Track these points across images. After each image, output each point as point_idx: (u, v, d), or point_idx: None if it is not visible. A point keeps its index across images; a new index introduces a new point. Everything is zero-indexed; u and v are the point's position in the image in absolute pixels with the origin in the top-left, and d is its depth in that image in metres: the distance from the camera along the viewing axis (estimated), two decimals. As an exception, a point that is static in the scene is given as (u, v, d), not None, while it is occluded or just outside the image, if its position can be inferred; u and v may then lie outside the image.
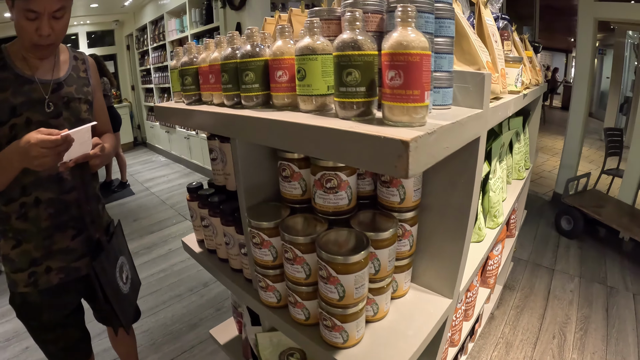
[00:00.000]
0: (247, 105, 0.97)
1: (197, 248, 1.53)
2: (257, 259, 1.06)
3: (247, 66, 0.92)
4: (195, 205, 1.40)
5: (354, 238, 0.93)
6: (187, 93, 1.16)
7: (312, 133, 0.74)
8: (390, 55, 0.67)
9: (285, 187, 1.06)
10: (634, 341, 2.40)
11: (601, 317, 2.61)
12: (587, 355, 2.31)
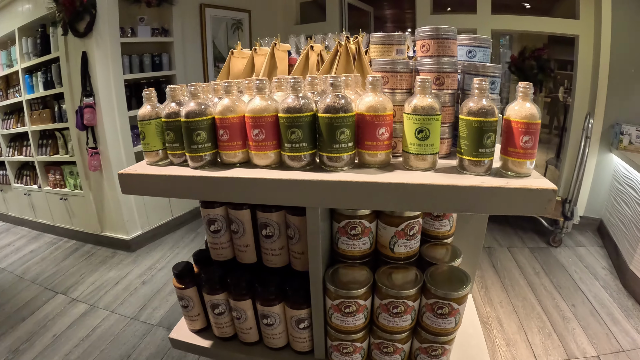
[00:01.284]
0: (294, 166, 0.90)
1: (203, 341, 1.21)
2: (346, 327, 1.00)
3: (294, 122, 0.85)
4: (195, 292, 1.16)
5: (455, 273, 1.00)
6: (197, 154, 0.92)
7: (455, 191, 0.79)
8: (525, 124, 0.80)
9: (353, 245, 1.02)
10: (525, 283, 2.97)
11: (492, 273, 3.13)
12: (497, 305, 2.77)
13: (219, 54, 4.36)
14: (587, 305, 2.96)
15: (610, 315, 2.86)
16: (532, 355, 2.52)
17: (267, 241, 1.04)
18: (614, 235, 3.62)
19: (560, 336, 2.67)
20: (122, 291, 3.17)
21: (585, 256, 3.64)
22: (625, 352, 2.53)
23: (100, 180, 3.54)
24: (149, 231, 3.85)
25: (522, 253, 3.69)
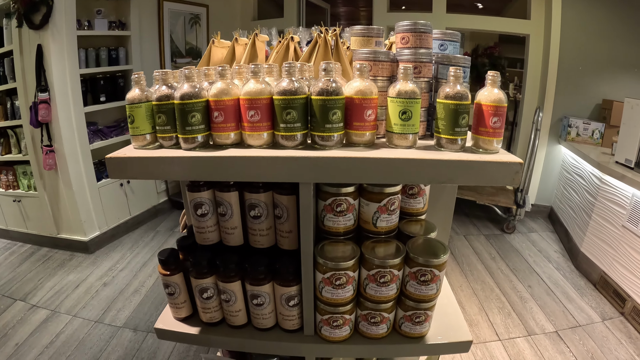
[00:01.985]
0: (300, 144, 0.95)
1: (190, 329, 1.18)
2: (336, 300, 1.04)
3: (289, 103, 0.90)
4: (182, 278, 1.15)
5: (433, 243, 1.08)
6: (191, 136, 0.92)
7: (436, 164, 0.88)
8: (494, 107, 0.89)
9: (339, 221, 1.06)
10: (482, 267, 3.13)
11: (451, 260, 3.27)
12: (457, 289, 2.91)
13: (177, 48, 4.31)
14: (543, 285, 3.14)
15: (565, 294, 3.05)
16: (494, 334, 2.65)
17: (255, 222, 1.06)
18: (564, 221, 3.85)
19: (520, 315, 2.82)
20: (83, 294, 3.08)
21: (538, 241, 3.85)
22: (581, 327, 2.71)
23: (55, 180, 3.41)
24: (107, 231, 3.75)
25: (478, 240, 3.87)
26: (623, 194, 2.95)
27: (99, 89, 3.54)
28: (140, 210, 4.13)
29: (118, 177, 0.96)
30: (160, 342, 2.60)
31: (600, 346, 2.55)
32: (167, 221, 4.38)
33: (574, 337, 2.64)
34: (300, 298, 1.09)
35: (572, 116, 3.90)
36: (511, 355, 2.50)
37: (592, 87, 3.89)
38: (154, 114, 0.96)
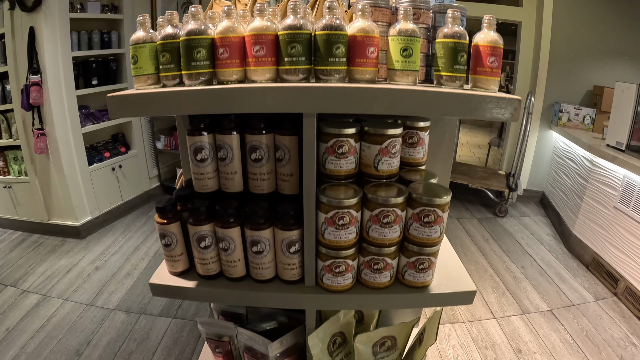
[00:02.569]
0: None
1: (186, 282, 1.15)
2: (339, 243, 1.03)
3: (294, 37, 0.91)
4: (179, 228, 1.11)
5: (435, 186, 1.08)
6: (195, 71, 0.92)
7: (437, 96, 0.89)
8: (491, 47, 0.92)
9: (340, 164, 1.05)
10: (476, 249, 3.15)
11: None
12: None
13: None
14: (536, 266, 3.17)
15: (558, 274, 3.07)
16: (489, 312, 2.66)
17: (255, 165, 1.05)
18: (556, 205, 3.89)
19: (514, 294, 2.84)
20: (74, 278, 3.05)
21: (530, 224, 3.89)
22: (575, 306, 2.73)
23: (46, 164, 3.38)
24: (99, 216, 3.71)
25: (471, 223, 3.91)
26: (614, 176, 2.98)
27: (91, 73, 3.51)
28: (132, 196, 4.10)
29: (118, 115, 0.95)
30: (153, 323, 2.58)
31: (594, 325, 2.57)
32: None
33: (568, 315, 2.66)
34: (301, 244, 1.07)
35: (564, 102, 3.94)
36: (506, 332, 2.52)
37: (583, 73, 3.94)
38: (158, 53, 0.96)
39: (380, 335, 1.25)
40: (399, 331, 1.27)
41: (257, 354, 1.31)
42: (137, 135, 4.09)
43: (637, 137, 2.91)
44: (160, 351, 2.35)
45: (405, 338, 1.30)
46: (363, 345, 1.24)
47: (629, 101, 2.93)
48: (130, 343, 2.41)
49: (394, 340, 1.28)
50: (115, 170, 3.84)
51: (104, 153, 3.72)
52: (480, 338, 2.49)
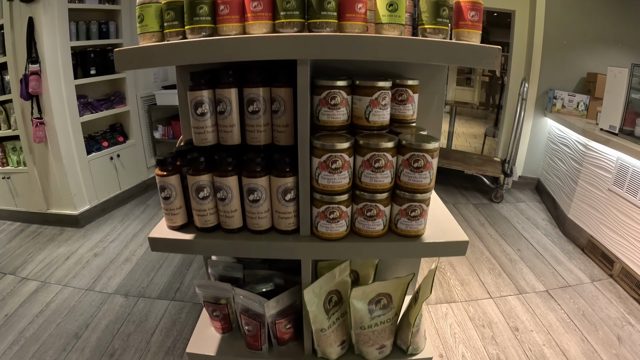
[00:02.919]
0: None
1: (184, 235, 1.17)
2: (333, 188, 1.06)
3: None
4: (178, 180, 1.14)
5: (424, 135, 1.13)
6: (197, 26, 0.98)
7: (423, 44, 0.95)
8: (471, 3, 0.99)
9: (333, 115, 1.08)
10: (472, 232, 3.21)
11: None
12: None
13: None
14: (532, 249, 3.19)
15: (554, 257, 3.10)
16: (485, 292, 2.69)
17: (252, 117, 1.08)
18: (552, 191, 3.92)
19: (510, 275, 2.86)
20: (73, 265, 3.06)
21: (526, 210, 3.92)
22: (571, 287, 2.76)
23: (45, 154, 3.39)
24: (97, 205, 3.73)
25: (467, 208, 3.96)
26: (608, 158, 3.01)
27: (89, 62, 3.53)
28: (130, 185, 4.12)
29: (125, 68, 1.01)
30: (152, 305, 2.59)
31: (590, 304, 2.60)
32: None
33: (565, 295, 2.69)
34: (296, 191, 1.10)
35: (557, 89, 3.98)
36: (503, 311, 2.54)
37: (576, 61, 3.98)
38: (163, 12, 1.02)
39: (375, 292, 1.27)
40: (394, 288, 1.29)
41: (253, 315, 1.34)
42: (135, 125, 4.12)
43: (629, 122, 2.94)
44: (159, 332, 2.36)
45: (401, 297, 1.32)
46: (358, 301, 1.26)
47: (621, 85, 2.96)
48: (129, 325, 2.42)
49: (390, 298, 1.30)
50: (114, 160, 3.86)
51: (102, 142, 3.75)
52: (477, 317, 2.51)
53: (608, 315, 2.50)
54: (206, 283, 1.41)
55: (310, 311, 1.22)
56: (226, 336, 1.48)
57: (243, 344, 1.42)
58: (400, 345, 1.40)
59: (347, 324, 1.35)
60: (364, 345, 1.33)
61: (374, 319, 1.29)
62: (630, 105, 2.93)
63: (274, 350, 1.41)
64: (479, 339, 2.33)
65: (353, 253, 1.15)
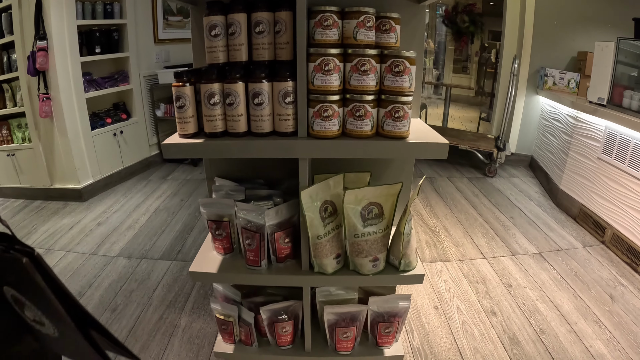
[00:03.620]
0: None
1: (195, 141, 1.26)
2: (326, 87, 1.17)
3: None
4: (192, 91, 1.26)
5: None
6: None
7: None
8: None
9: (326, 34, 1.18)
10: (466, 202, 3.29)
11: (435, 195, 3.53)
12: (442, 217, 3.11)
13: (168, 7, 4.49)
14: (525, 217, 3.28)
15: (547, 224, 3.18)
16: (479, 253, 2.77)
17: (259, 37, 1.21)
18: (544, 165, 4.02)
19: (503, 239, 2.95)
20: (77, 233, 3.14)
21: (519, 184, 4.02)
22: (564, 251, 2.84)
23: (50, 128, 3.49)
24: (101, 180, 3.83)
25: (462, 181, 4.09)
26: (597, 128, 3.11)
27: (94, 41, 3.65)
28: (132, 162, 4.23)
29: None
30: (154, 265, 2.67)
31: (583, 267, 2.67)
32: (160, 171, 4.49)
33: (557, 258, 2.77)
34: (295, 95, 1.21)
35: (549, 67, 4.10)
36: (497, 270, 2.62)
37: (567, 41, 4.10)
38: None
39: (367, 198, 1.36)
40: (385, 199, 1.38)
41: (253, 227, 1.41)
42: (138, 103, 4.22)
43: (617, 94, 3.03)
44: (161, 288, 2.44)
45: (391, 209, 1.40)
46: (352, 206, 1.34)
47: (608, 58, 3.06)
48: (132, 283, 2.50)
49: (381, 208, 1.39)
50: (117, 136, 3.96)
51: (106, 119, 3.85)
52: (471, 274, 2.59)
53: (600, 276, 2.58)
54: (210, 200, 1.50)
55: (307, 215, 1.31)
56: (227, 257, 1.55)
57: (243, 263, 1.50)
58: (393, 261, 1.48)
59: (341, 238, 1.43)
60: (357, 256, 1.41)
61: (367, 227, 1.37)
62: (617, 77, 3.03)
63: (272, 267, 1.49)
64: (473, 294, 2.41)
65: (345, 150, 1.23)
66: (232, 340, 1.68)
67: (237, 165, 1.64)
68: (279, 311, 1.59)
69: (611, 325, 2.17)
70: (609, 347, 2.03)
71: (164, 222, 3.26)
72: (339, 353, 1.66)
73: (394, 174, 1.64)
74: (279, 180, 1.64)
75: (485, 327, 2.15)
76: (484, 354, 1.98)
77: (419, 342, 2.04)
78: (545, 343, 2.05)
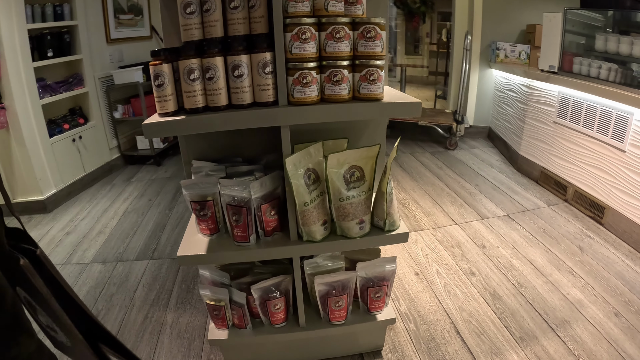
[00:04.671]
0: None
1: (175, 118, 1.26)
2: (304, 55, 1.20)
3: None
4: (170, 68, 1.25)
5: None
6: None
7: None
8: None
9: (297, 6, 1.21)
10: (431, 174, 3.42)
11: (400, 170, 3.68)
12: (410, 191, 3.26)
13: (119, 5, 4.38)
14: (489, 184, 3.42)
15: (510, 188, 3.33)
16: (450, 220, 2.87)
17: (233, 12, 1.23)
18: (503, 135, 4.20)
19: (471, 205, 3.07)
20: (46, 245, 3.03)
21: (480, 154, 4.19)
22: (530, 211, 2.99)
23: (7, 139, 3.35)
24: (64, 189, 3.70)
25: (424, 156, 4.25)
26: (550, 94, 3.27)
27: (46, 45, 3.52)
28: (94, 167, 4.11)
29: None
30: (131, 266, 2.62)
31: (550, 223, 2.82)
32: (123, 174, 4.38)
33: (525, 218, 2.90)
34: (274, 65, 1.23)
35: (500, 41, 4.27)
36: (469, 234, 2.73)
37: (516, 14, 4.29)
38: None
39: (348, 162, 1.40)
40: (365, 162, 1.42)
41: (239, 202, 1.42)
42: (95, 106, 4.11)
43: (567, 63, 3.20)
44: (141, 288, 2.40)
45: (371, 171, 1.45)
46: (335, 170, 1.38)
47: (556, 28, 3.23)
48: (110, 287, 2.44)
49: (362, 171, 1.43)
50: (76, 142, 3.84)
51: (63, 125, 3.72)
52: (446, 240, 2.68)
53: (567, 231, 2.73)
54: (192, 181, 1.49)
55: (293, 183, 1.33)
56: (214, 237, 1.55)
57: (231, 241, 1.50)
58: (378, 222, 1.53)
59: (326, 205, 1.47)
60: (344, 220, 1.45)
61: (350, 190, 1.41)
62: (565, 46, 3.19)
63: (261, 242, 1.50)
64: (450, 257, 2.51)
65: (325, 115, 1.27)
66: (225, 325, 1.67)
67: (214, 146, 1.63)
68: (270, 288, 1.59)
69: (584, 274, 2.31)
70: (585, 292, 2.16)
71: (135, 224, 3.20)
72: (333, 324, 1.69)
73: (369, 139, 1.69)
74: (257, 156, 1.66)
75: (467, 287, 2.25)
76: (470, 311, 2.07)
77: (405, 308, 2.11)
78: (525, 295, 2.17)
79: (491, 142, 4.60)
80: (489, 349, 1.84)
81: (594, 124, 2.82)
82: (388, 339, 1.91)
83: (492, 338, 1.90)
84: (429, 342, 1.89)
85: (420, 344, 1.89)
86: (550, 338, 1.88)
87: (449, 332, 1.95)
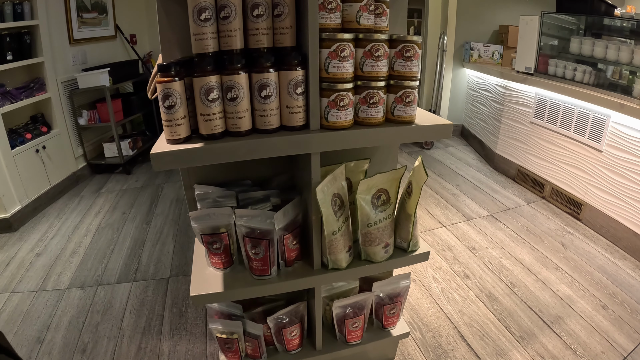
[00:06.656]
0: None
1: (190, 146, 1.09)
2: (341, 75, 1.12)
3: None
4: (182, 86, 1.08)
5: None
6: None
7: None
8: None
9: (329, 17, 1.11)
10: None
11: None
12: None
13: (82, 3, 4.09)
14: (469, 183, 3.48)
15: (490, 187, 3.39)
16: (437, 223, 2.89)
17: (256, 21, 1.09)
18: (477, 133, 4.27)
19: (455, 206, 3.10)
20: (16, 270, 2.77)
21: (456, 152, 4.27)
22: (512, 210, 3.05)
23: (-37, 156, 3.07)
24: (29, 204, 3.43)
25: (401, 156, 4.27)
26: (527, 96, 3.34)
27: (4, 48, 3.21)
28: (60, 179, 3.83)
29: None
30: (113, 290, 2.45)
31: (531, 221, 2.90)
32: (91, 185, 4.11)
33: (507, 217, 2.96)
34: (306, 85, 1.12)
35: (474, 41, 4.33)
36: (458, 236, 2.74)
37: (489, 15, 4.38)
38: None
39: (376, 186, 1.34)
40: (390, 184, 1.37)
41: (260, 234, 1.29)
42: (58, 113, 3.81)
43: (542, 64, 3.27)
44: (129, 315, 2.23)
45: (396, 193, 1.40)
46: (364, 196, 1.32)
47: (533, 31, 3.29)
48: (94, 315, 2.24)
49: (387, 194, 1.38)
50: (40, 152, 3.56)
51: (25, 135, 3.44)
52: (436, 243, 2.69)
53: (549, 228, 2.81)
54: (203, 212, 1.33)
55: (323, 211, 1.26)
56: (227, 271, 1.41)
57: (248, 274, 1.38)
58: (400, 244, 1.49)
59: (350, 230, 1.40)
60: (370, 245, 1.40)
61: (377, 214, 1.36)
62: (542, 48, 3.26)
63: (282, 273, 1.39)
64: (443, 261, 2.51)
65: (360, 140, 1.19)
66: (238, 357, 1.55)
67: (219, 168, 1.48)
68: (287, 316, 1.51)
69: (569, 269, 2.40)
70: (573, 288, 2.25)
71: (111, 241, 3.01)
72: (349, 344, 1.64)
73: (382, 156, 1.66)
74: (268, 179, 1.55)
75: (463, 290, 2.27)
76: (470, 314, 2.09)
77: (409, 317, 2.09)
78: (519, 294, 2.22)
79: (465, 140, 4.69)
80: (493, 350, 1.87)
81: (571, 125, 2.90)
82: (397, 350, 1.89)
83: (494, 339, 1.93)
84: (437, 350, 1.89)
85: (429, 352, 1.88)
86: (548, 335, 1.94)
87: (454, 338, 1.96)
